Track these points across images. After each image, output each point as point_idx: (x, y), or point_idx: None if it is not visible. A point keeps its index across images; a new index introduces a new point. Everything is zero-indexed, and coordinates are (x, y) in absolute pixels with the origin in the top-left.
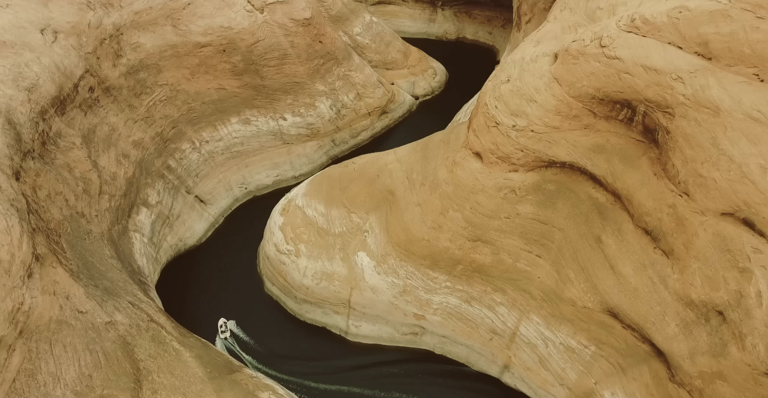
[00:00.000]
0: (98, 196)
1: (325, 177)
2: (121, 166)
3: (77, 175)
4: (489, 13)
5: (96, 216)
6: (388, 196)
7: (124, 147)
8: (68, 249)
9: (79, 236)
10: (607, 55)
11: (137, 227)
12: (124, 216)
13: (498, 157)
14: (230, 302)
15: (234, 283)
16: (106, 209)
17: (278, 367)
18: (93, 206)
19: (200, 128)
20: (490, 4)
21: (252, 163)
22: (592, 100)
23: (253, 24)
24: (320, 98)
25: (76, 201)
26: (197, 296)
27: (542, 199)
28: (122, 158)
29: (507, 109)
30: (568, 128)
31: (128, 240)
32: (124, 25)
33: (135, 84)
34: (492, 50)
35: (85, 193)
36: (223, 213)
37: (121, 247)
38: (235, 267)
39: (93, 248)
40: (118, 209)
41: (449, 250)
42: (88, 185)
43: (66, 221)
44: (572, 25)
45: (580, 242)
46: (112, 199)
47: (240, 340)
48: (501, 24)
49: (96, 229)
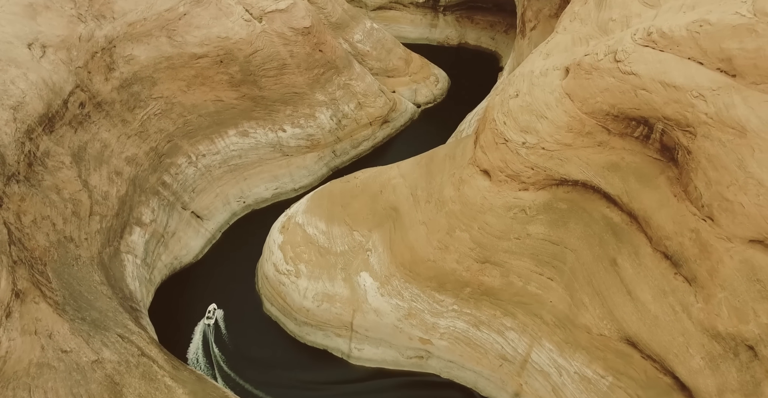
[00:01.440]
0: (88, 218)
1: (326, 193)
2: (113, 184)
3: (66, 197)
4: (491, 18)
5: (86, 239)
6: (391, 213)
7: (116, 164)
8: (54, 278)
9: (67, 263)
10: (623, 71)
11: (130, 248)
12: (116, 237)
13: (507, 175)
14: (227, 322)
15: (231, 302)
16: (96, 231)
17: (277, 392)
18: (83, 229)
19: (197, 141)
20: (493, 9)
21: (250, 176)
22: (607, 116)
23: (251, 33)
24: (320, 108)
25: (64, 225)
26: (193, 316)
27: (554, 218)
28: (115, 176)
29: (516, 126)
30: (580, 145)
31: (120, 262)
32: (117, 38)
33: (128, 98)
34: (495, 56)
35: (75, 216)
36: (221, 228)
37: (112, 271)
38: (233, 285)
39: (81, 275)
40: (110, 230)
41: (456, 272)
42: (78, 207)
43: (53, 247)
44: (583, 37)
45: (595, 264)
46: (104, 220)
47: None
48: (504, 29)
49: (85, 254)
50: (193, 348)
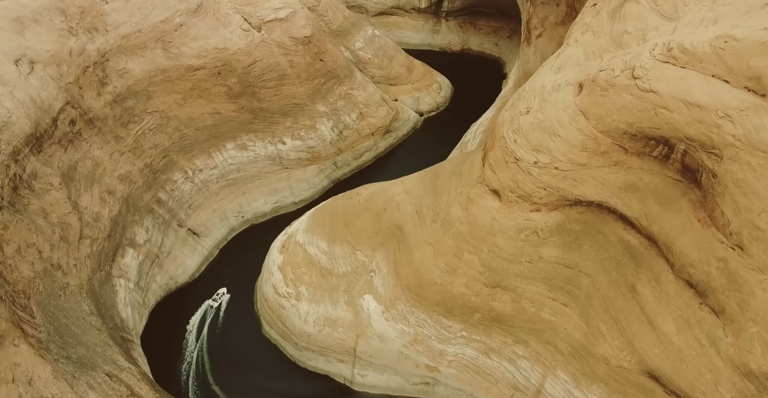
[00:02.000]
0: (78, 242)
1: (328, 210)
2: (105, 205)
3: (54, 221)
4: (494, 24)
5: (75, 265)
6: (396, 232)
7: (109, 182)
8: (38, 312)
9: (53, 293)
10: (641, 88)
11: (122, 272)
12: (107, 261)
13: (518, 196)
14: (224, 345)
15: (229, 324)
16: (86, 256)
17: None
18: (71, 254)
19: (193, 156)
20: (496, 14)
21: (249, 190)
22: (624, 135)
23: (250, 44)
24: (321, 120)
25: (51, 252)
26: (189, 339)
27: (567, 240)
28: (107, 195)
29: (527, 144)
30: (595, 165)
31: (111, 288)
32: (110, 51)
33: (122, 113)
34: (498, 62)
35: (63, 241)
36: (218, 244)
37: (103, 298)
38: (231, 305)
39: (69, 306)
40: (101, 254)
41: (465, 296)
42: (67, 231)
43: (38, 278)
44: (597, 50)
45: (612, 290)
46: (94, 243)
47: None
48: (507, 35)
49: (74, 281)
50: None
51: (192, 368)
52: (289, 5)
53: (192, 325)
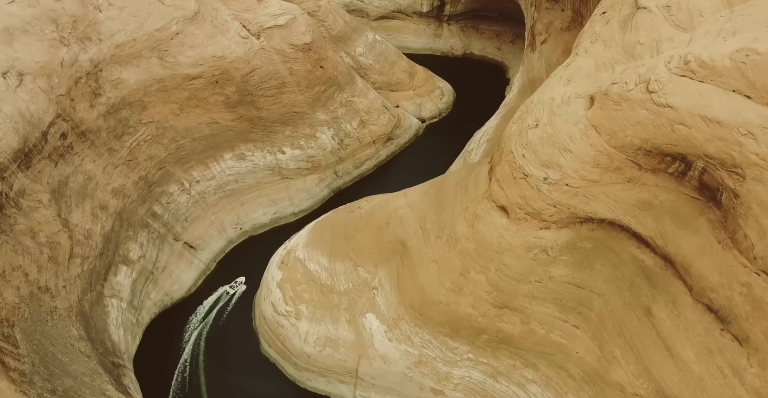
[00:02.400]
0: (68, 262)
1: (329, 224)
2: (97, 221)
3: (42, 241)
4: (497, 28)
5: (64, 287)
6: (399, 248)
7: (101, 197)
8: (23, 341)
9: (40, 319)
10: (657, 102)
11: (114, 291)
12: (98, 280)
13: (527, 213)
14: (220, 362)
15: (226, 340)
16: (77, 276)
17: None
18: (60, 275)
19: (190, 167)
20: (499, 18)
21: (247, 201)
22: (638, 151)
23: (248, 51)
24: (321, 128)
25: (38, 274)
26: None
27: (578, 259)
28: (99, 211)
29: (537, 159)
30: (608, 182)
31: (103, 309)
32: (103, 61)
33: (116, 124)
34: (501, 67)
35: (51, 261)
36: (216, 257)
37: (93, 321)
38: (228, 320)
39: (56, 331)
40: (92, 273)
41: (471, 317)
42: (56, 250)
43: (23, 303)
44: (608, 61)
45: (626, 312)
46: (85, 262)
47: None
48: (510, 39)
49: (63, 304)
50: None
51: (187, 387)
52: (289, 11)
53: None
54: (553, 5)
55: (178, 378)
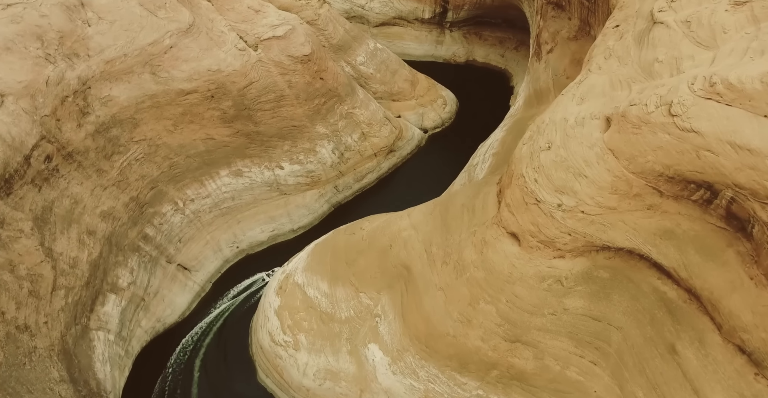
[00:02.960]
0: (51, 295)
1: (329, 247)
2: (84, 248)
3: (23, 274)
4: (500, 35)
5: (45, 323)
6: (403, 272)
7: (89, 222)
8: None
9: (17, 363)
10: (680, 127)
11: (101, 323)
12: (84, 312)
13: (540, 241)
14: (215, 391)
15: (222, 368)
16: (60, 309)
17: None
18: (42, 311)
19: (184, 185)
20: (502, 25)
21: (244, 218)
22: (659, 177)
23: (245, 64)
24: (321, 142)
25: (17, 312)
26: (174, 384)
27: (594, 289)
28: (86, 236)
29: (550, 184)
30: (626, 209)
31: (88, 344)
32: (92, 78)
33: (105, 144)
34: (504, 74)
35: (32, 296)
36: (211, 278)
37: (77, 358)
38: (223, 345)
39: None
40: (77, 305)
41: (481, 351)
42: (38, 283)
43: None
44: (624, 79)
45: (647, 349)
46: (70, 294)
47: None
48: (514, 46)
49: (43, 343)
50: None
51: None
52: (288, 22)
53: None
54: (559, 14)
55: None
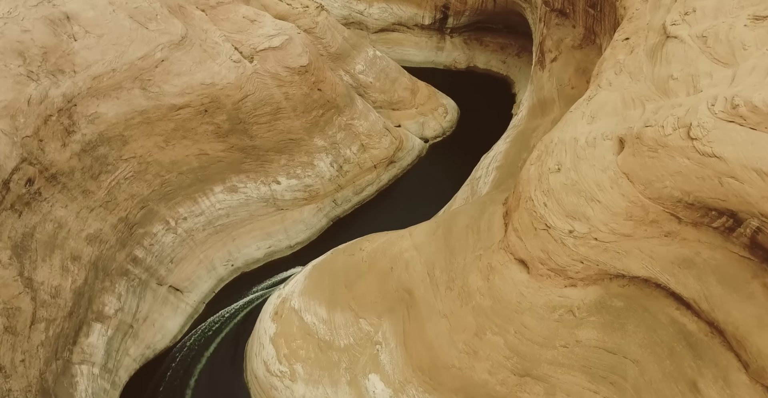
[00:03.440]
0: (29, 330)
1: (327, 269)
2: (67, 275)
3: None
4: (502, 41)
5: (22, 361)
6: (405, 296)
7: (74, 246)
8: None
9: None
10: (700, 151)
11: (85, 356)
12: (66, 345)
13: (550, 269)
14: None
15: (215, 394)
16: (39, 345)
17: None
18: (19, 348)
19: (176, 203)
20: (503, 30)
21: (239, 235)
22: (678, 203)
23: (240, 76)
24: (319, 155)
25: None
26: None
27: (608, 320)
28: (71, 263)
29: (560, 209)
30: (642, 236)
31: (70, 380)
32: (78, 95)
33: (92, 163)
34: (506, 81)
35: (8, 333)
36: (205, 298)
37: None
38: (217, 370)
39: None
40: (59, 338)
41: (488, 385)
42: (14, 318)
43: None
44: (637, 97)
45: (666, 385)
46: (51, 327)
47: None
48: (515, 52)
49: (19, 384)
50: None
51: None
52: (284, 31)
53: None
54: (563, 21)
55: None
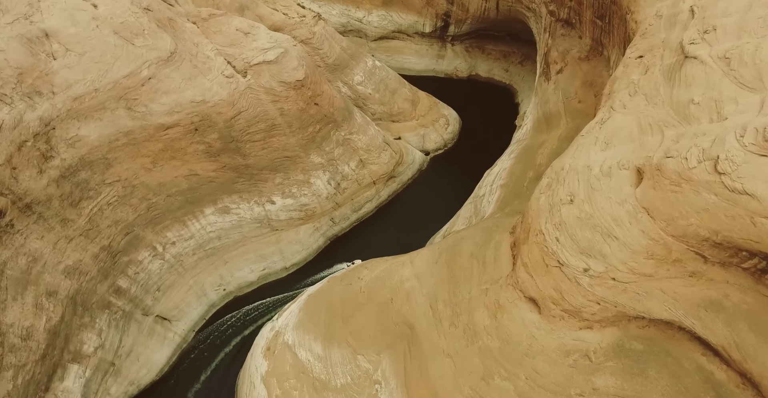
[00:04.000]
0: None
1: (323, 300)
2: (42, 313)
3: None
4: (504, 48)
5: None
6: (406, 331)
7: (50, 281)
8: None
9: None
10: (730, 188)
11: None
12: (38, 392)
13: (564, 310)
14: None
15: None
16: (5, 395)
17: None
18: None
19: (164, 228)
20: (506, 38)
21: (232, 258)
22: (704, 242)
23: (233, 92)
24: (316, 172)
25: None
26: None
27: (627, 365)
28: (45, 299)
29: (574, 245)
30: (665, 275)
31: None
32: (57, 117)
33: (72, 189)
34: (509, 90)
35: None
36: (194, 326)
37: None
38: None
39: None
40: (29, 386)
41: None
42: None
43: None
44: (654, 122)
45: None
46: (20, 373)
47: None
48: (518, 60)
49: None
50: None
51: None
52: (279, 44)
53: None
54: (569, 32)
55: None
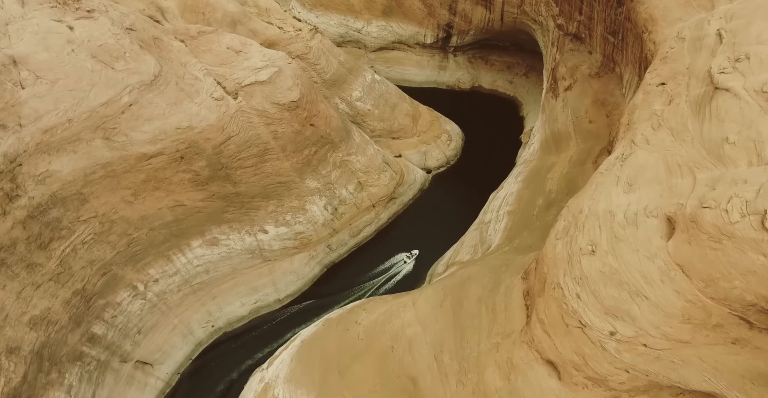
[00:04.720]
0: None
1: (317, 348)
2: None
3: None
4: (508, 59)
5: None
6: (408, 386)
7: (11, 336)
8: None
9: None
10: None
11: None
12: None
13: (587, 377)
14: None
15: None
16: None
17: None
18: None
19: (146, 264)
20: (510, 48)
21: (221, 292)
22: (751, 307)
23: (223, 116)
24: (312, 198)
25: None
26: None
27: None
28: (5, 357)
29: (598, 304)
30: (704, 342)
31: None
32: (24, 152)
33: (41, 230)
34: (513, 102)
35: None
36: (179, 369)
37: None
38: None
39: None
40: None
41: None
42: None
43: None
44: (684, 162)
45: None
46: None
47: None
48: (523, 72)
49: None
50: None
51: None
52: (273, 63)
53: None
54: (578, 47)
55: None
